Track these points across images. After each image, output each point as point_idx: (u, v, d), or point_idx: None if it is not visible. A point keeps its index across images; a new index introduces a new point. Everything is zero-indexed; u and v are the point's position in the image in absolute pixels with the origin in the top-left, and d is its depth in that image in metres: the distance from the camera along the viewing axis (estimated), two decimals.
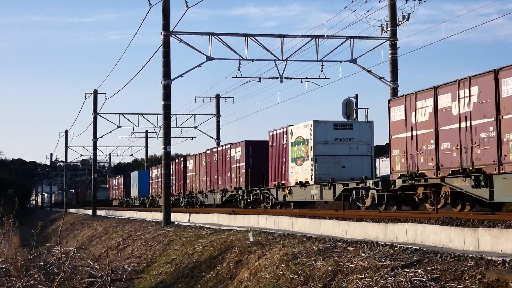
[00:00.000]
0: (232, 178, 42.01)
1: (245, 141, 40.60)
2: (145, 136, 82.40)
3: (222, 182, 44.02)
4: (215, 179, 45.54)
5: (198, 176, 50.18)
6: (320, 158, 31.29)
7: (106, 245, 28.78)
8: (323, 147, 31.40)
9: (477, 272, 10.28)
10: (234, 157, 41.77)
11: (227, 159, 43.00)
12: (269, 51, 34.82)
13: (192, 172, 52.04)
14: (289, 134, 33.83)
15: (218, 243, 20.61)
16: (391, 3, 32.79)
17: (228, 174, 42.65)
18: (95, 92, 60.59)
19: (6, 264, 19.41)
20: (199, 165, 49.92)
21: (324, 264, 13.39)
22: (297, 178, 32.74)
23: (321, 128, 31.51)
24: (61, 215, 57.53)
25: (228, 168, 42.80)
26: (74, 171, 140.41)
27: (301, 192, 32.78)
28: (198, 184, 50.07)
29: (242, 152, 40.61)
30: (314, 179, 31.23)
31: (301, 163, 32.46)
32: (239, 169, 40.84)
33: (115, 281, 19.03)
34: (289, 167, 33.70)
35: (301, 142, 32.54)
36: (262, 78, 36.68)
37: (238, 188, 40.95)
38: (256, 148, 39.73)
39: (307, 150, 31.83)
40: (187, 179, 53.46)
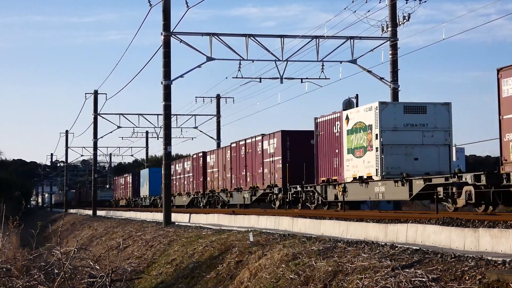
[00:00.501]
0: (265, 175, 37.25)
1: (282, 131, 35.46)
2: (146, 136, 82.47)
3: (251, 179, 39.30)
4: (242, 176, 40.87)
5: (221, 173, 45.26)
6: (388, 148, 26.36)
7: (107, 246, 28.78)
8: (392, 135, 26.45)
9: (477, 272, 10.28)
10: (267, 150, 36.89)
11: (258, 152, 38.09)
12: (270, 52, 34.88)
13: (213, 169, 47.11)
14: (344, 120, 28.98)
15: (218, 243, 20.62)
16: (392, 3, 32.81)
17: (260, 170, 37.85)
18: (95, 92, 60.63)
19: (6, 264, 19.43)
20: (222, 160, 44.87)
21: (324, 265, 13.39)
22: (355, 173, 27.94)
23: (389, 111, 26.55)
24: (62, 216, 57.58)
25: (259, 162, 38.00)
26: (75, 171, 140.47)
27: (360, 190, 27.82)
28: (221, 181, 45.22)
29: (277, 144, 35.67)
30: (381, 173, 26.27)
31: (361, 155, 27.54)
32: (273, 164, 36.11)
33: (115, 281, 19.04)
34: (344, 160, 28.84)
35: (362, 129, 27.52)
36: (262, 79, 36.74)
37: (272, 186, 36.29)
38: (295, 139, 35.15)
39: (370, 139, 26.86)
40: (207, 176, 48.58)
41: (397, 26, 33.28)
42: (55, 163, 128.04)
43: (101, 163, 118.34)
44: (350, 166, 28.33)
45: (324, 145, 30.84)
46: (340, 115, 29.38)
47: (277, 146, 35.69)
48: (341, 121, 29.24)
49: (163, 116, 32.87)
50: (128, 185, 79.06)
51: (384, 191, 26.21)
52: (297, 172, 33.54)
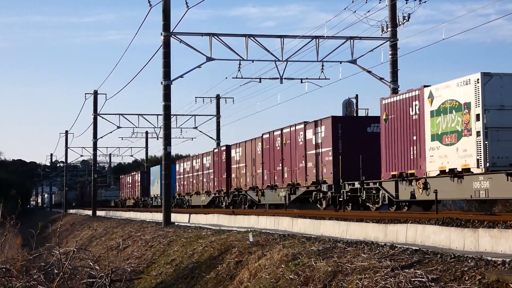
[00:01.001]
0: (309, 169, 31.99)
1: (333, 117, 30.11)
2: (145, 136, 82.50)
3: (290, 174, 33.98)
4: (277, 171, 35.62)
5: (249, 168, 39.87)
6: (494, 132, 20.81)
7: (106, 246, 28.81)
8: (499, 116, 20.91)
9: (477, 272, 10.27)
10: (312, 140, 31.56)
11: (299, 143, 32.88)
12: (269, 52, 34.87)
13: (239, 164, 41.74)
14: (426, 99, 23.47)
15: (218, 243, 20.61)
16: (391, 3, 32.80)
17: (301, 164, 32.66)
18: (95, 92, 60.63)
19: (6, 264, 19.41)
20: (251, 153, 39.64)
21: (324, 265, 13.38)
22: (444, 165, 22.48)
23: (494, 85, 21.02)
24: (62, 216, 57.53)
25: (300, 155, 32.78)
26: (74, 171, 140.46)
27: (451, 187, 22.29)
28: (249, 178, 39.82)
29: (326, 133, 30.23)
30: (484, 164, 20.73)
31: (452, 142, 22.10)
32: (320, 157, 30.78)
33: (115, 281, 19.03)
34: (426, 149, 23.36)
35: (454, 108, 22.07)
36: (262, 79, 36.73)
37: (319, 182, 30.99)
38: (348, 126, 30.43)
39: (467, 121, 21.44)
40: (231, 172, 43.27)
41: (397, 26, 33.27)
42: (55, 163, 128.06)
43: (100, 163, 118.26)
44: (436, 157, 22.89)
45: (394, 132, 25.34)
46: (420, 93, 23.79)
47: (325, 135, 30.38)
48: (422, 100, 23.73)
49: (163, 116, 32.86)
50: (136, 184, 74.02)
51: (488, 187, 20.61)
52: (351, 166, 28.61)
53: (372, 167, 27.62)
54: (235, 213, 30.53)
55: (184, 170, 55.56)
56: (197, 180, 51.85)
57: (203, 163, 50.25)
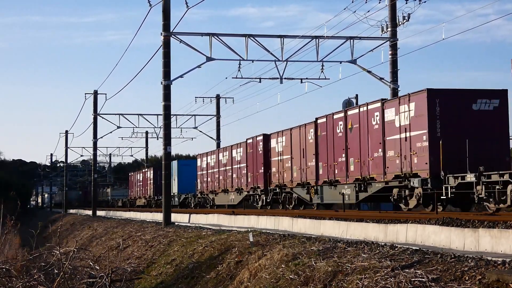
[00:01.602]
0: (389, 159, 25.65)
1: (428, 90, 23.64)
2: (145, 136, 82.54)
3: (358, 167, 27.88)
4: (339, 163, 29.49)
5: (297, 161, 34.03)
6: None
7: (106, 246, 28.81)
8: None
9: (477, 272, 10.27)
10: (395, 122, 25.18)
11: (374, 127, 26.51)
12: (269, 52, 34.89)
13: (283, 156, 35.90)
14: None
15: (218, 243, 20.62)
16: (391, 3, 32.81)
17: (377, 153, 26.39)
18: (95, 92, 60.64)
19: (6, 264, 19.41)
20: (300, 143, 33.70)
21: (324, 265, 13.38)
22: None
23: None
24: (62, 216, 57.49)
25: (376, 142, 26.46)
26: (74, 171, 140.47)
27: None
28: (296, 173, 34.14)
29: (418, 111, 23.92)
30: None
31: None
32: (409, 142, 24.31)
33: (115, 281, 19.03)
34: None
35: None
36: (262, 79, 36.75)
37: (406, 176, 24.71)
38: (449, 103, 23.99)
39: None
40: (271, 166, 37.42)
41: (397, 26, 33.28)
42: (55, 163, 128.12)
43: (100, 163, 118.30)
44: None
45: None
46: None
47: (416, 114, 23.98)
48: None
49: (162, 116, 32.86)
50: (148, 182, 67.49)
51: None
52: (453, 155, 23.18)
53: (481, 155, 22.96)
54: (235, 213, 30.55)
55: (208, 165, 49.14)
56: (224, 176, 45.70)
57: (232, 156, 44.25)
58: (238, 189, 42.88)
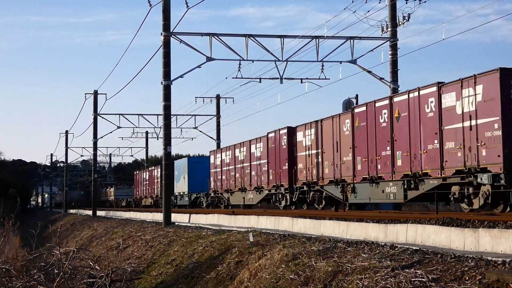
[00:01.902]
0: (447, 152, 22.35)
1: (500, 69, 20.24)
2: (145, 136, 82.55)
3: (407, 161, 24.47)
4: (383, 157, 26.05)
5: (329, 155, 30.25)
6: None
7: (106, 246, 28.80)
8: None
9: (477, 272, 10.27)
10: (456, 109, 21.86)
11: (428, 115, 23.22)
12: (269, 52, 34.89)
13: (311, 150, 32.07)
14: None
15: (218, 243, 20.62)
16: (391, 3, 32.81)
17: (432, 145, 23.15)
18: (95, 92, 60.65)
19: (6, 264, 19.40)
20: (333, 135, 29.92)
21: (324, 265, 13.38)
22: None
23: None
24: (62, 216, 57.35)
25: (430, 132, 23.25)
26: (74, 171, 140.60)
27: None
28: (328, 169, 30.21)
29: (487, 95, 20.58)
30: None
31: None
32: (474, 132, 21.03)
33: (115, 281, 19.03)
34: None
35: None
36: (262, 79, 36.74)
37: (470, 172, 21.42)
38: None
39: None
40: (296, 162, 33.58)
41: (397, 26, 33.28)
42: (55, 163, 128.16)
43: (101, 163, 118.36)
44: None
45: None
46: None
47: (485, 98, 20.57)
48: None
49: (163, 116, 32.86)
50: (155, 181, 64.09)
51: None
52: None
53: None
54: (235, 213, 30.55)
55: (223, 162, 45.26)
56: (241, 173, 41.74)
57: (251, 152, 40.43)
58: (258, 188, 39.10)
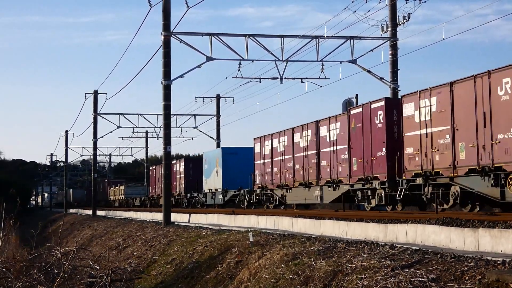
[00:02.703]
0: None
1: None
2: (145, 136, 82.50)
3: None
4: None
5: (465, 134, 21.79)
6: None
7: (106, 246, 28.81)
8: None
9: (477, 272, 10.27)
10: None
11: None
12: (269, 52, 34.87)
13: (429, 128, 23.43)
14: None
15: (218, 243, 20.62)
16: (391, 3, 32.80)
17: None
18: (95, 92, 60.62)
19: (6, 264, 19.41)
20: (472, 104, 21.22)
21: (324, 265, 13.38)
22: None
23: None
24: (62, 216, 57.27)
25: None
26: (74, 171, 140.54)
27: None
28: (463, 153, 21.71)
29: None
30: None
31: None
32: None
33: (115, 281, 19.03)
34: None
35: None
36: (262, 79, 36.71)
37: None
38: None
39: None
40: (402, 145, 24.98)
41: (397, 26, 33.27)
42: (55, 163, 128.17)
43: (100, 163, 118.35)
44: None
45: None
46: None
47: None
48: None
49: (163, 116, 32.84)
50: (177, 176, 56.78)
51: None
52: None
53: None
54: (235, 213, 30.54)
55: (274, 150, 37.01)
56: (304, 164, 33.17)
57: (319, 136, 31.87)
58: (332, 182, 30.27)
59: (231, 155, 45.30)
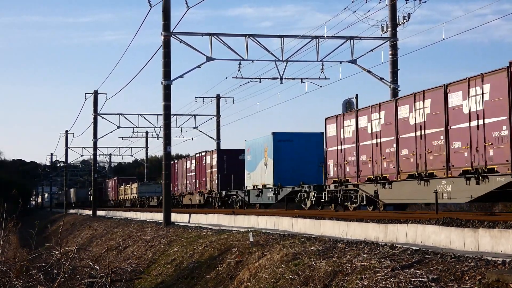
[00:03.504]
0: None
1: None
2: (145, 136, 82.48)
3: None
4: None
5: None
6: None
7: (106, 246, 28.77)
8: None
9: (477, 272, 10.27)
10: None
11: None
12: (269, 52, 34.88)
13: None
14: None
15: (218, 243, 20.61)
16: (391, 3, 32.81)
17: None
18: (95, 92, 60.64)
19: (5, 264, 19.41)
20: None
21: (324, 265, 13.38)
22: None
23: None
24: (62, 216, 57.19)
25: None
26: (75, 171, 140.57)
27: None
28: None
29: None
30: None
31: None
32: None
33: (115, 281, 19.03)
34: None
35: None
36: (262, 79, 36.73)
37: None
38: None
39: None
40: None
41: (397, 26, 33.28)
42: (55, 163, 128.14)
43: (101, 163, 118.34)
44: None
45: None
46: None
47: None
48: None
49: (163, 116, 32.85)
50: (206, 170, 48.42)
51: None
52: None
53: None
54: (235, 213, 30.52)
55: (361, 131, 27.90)
56: (416, 148, 24.12)
57: (447, 106, 22.40)
58: (475, 172, 21.22)
59: (285, 143, 37.43)
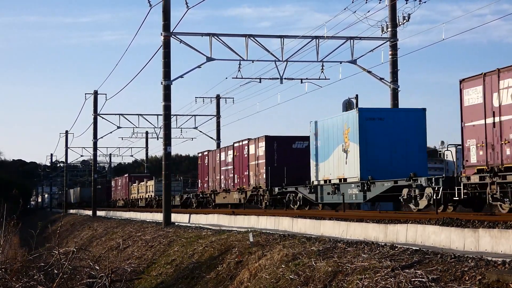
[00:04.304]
0: None
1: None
2: (145, 137, 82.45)
3: None
4: None
5: None
6: None
7: (106, 246, 28.80)
8: None
9: (477, 272, 10.27)
10: None
11: None
12: (269, 52, 34.86)
13: None
14: None
15: (218, 243, 20.60)
16: (391, 3, 32.80)
17: None
18: (95, 92, 60.63)
19: (5, 264, 19.39)
20: None
21: (324, 265, 13.37)
22: None
23: None
24: (62, 216, 57.05)
25: None
26: (75, 171, 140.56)
27: None
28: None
29: None
30: None
31: None
32: None
33: (115, 281, 19.03)
34: None
35: None
36: (262, 79, 36.73)
37: None
38: None
39: None
40: None
41: (397, 27, 33.27)
42: (55, 163, 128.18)
43: (101, 163, 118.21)
44: None
45: None
46: None
47: None
48: None
49: (163, 116, 32.84)
50: (251, 163, 39.36)
51: None
52: None
53: None
54: (235, 213, 30.51)
55: None
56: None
57: None
58: None
59: (375, 122, 28.47)
